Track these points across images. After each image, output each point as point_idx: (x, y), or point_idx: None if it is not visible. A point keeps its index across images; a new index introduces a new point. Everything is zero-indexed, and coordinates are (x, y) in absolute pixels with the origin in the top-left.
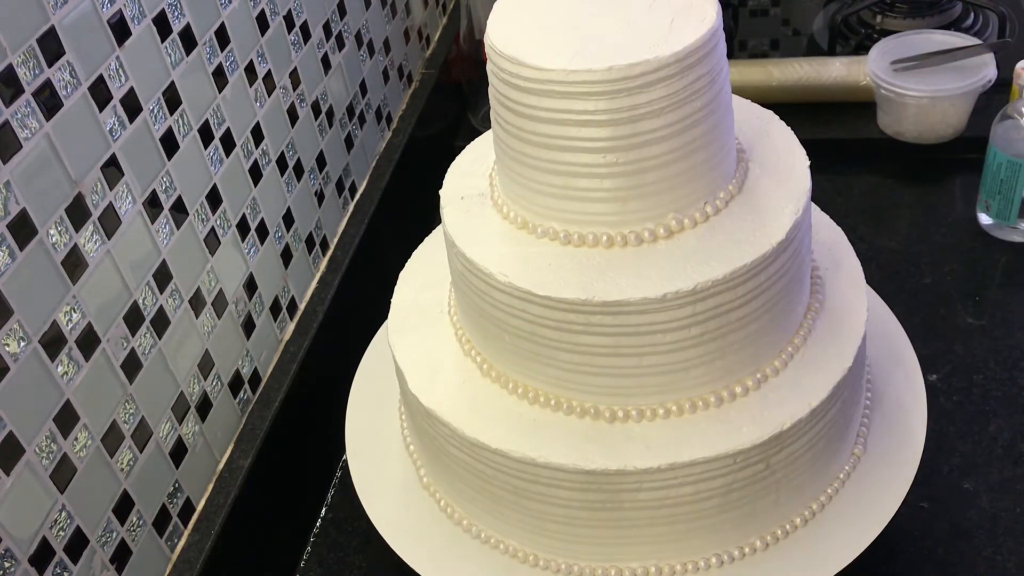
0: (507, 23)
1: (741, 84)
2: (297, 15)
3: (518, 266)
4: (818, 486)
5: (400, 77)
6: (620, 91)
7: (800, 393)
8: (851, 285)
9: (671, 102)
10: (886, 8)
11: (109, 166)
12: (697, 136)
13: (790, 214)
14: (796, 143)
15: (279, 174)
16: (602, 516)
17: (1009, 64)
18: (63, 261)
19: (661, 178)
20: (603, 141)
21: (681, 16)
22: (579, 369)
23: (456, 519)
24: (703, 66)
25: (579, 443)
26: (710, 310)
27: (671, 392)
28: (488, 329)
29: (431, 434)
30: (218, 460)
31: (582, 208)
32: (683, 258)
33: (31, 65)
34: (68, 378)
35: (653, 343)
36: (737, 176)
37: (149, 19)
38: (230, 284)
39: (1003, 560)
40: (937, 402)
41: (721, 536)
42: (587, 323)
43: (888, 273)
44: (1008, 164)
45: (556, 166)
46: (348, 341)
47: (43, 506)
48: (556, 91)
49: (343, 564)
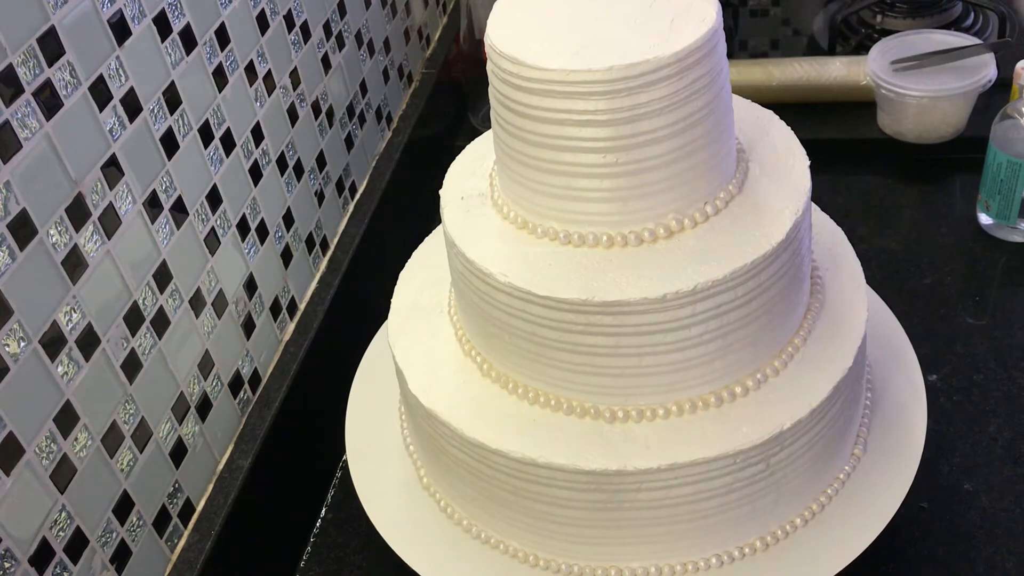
0: (507, 23)
1: (741, 84)
2: (297, 15)
3: (518, 266)
4: (818, 486)
5: (400, 77)
6: (620, 91)
7: (800, 393)
8: (851, 285)
9: (671, 102)
10: (886, 8)
11: (109, 166)
12: (697, 136)
13: (790, 214)
14: (796, 143)
15: (279, 174)
16: (602, 516)
17: (1009, 64)
18: (63, 261)
19: (661, 178)
20: (603, 141)
21: (681, 16)
22: (579, 369)
23: (456, 519)
24: (703, 66)
25: (579, 443)
26: (710, 310)
27: (671, 392)
28: (488, 329)
29: (431, 434)
30: (218, 460)
31: (582, 208)
32: (683, 258)
33: (31, 65)
34: (68, 378)
35: (653, 343)
36: (737, 176)
37: (149, 19)
38: (230, 284)
39: (1003, 560)
40: (937, 402)
41: (721, 536)
42: (587, 323)
43: (888, 273)
44: (1008, 164)
45: (556, 166)
46: (348, 341)
47: (43, 506)
48: (556, 91)
49: (343, 564)
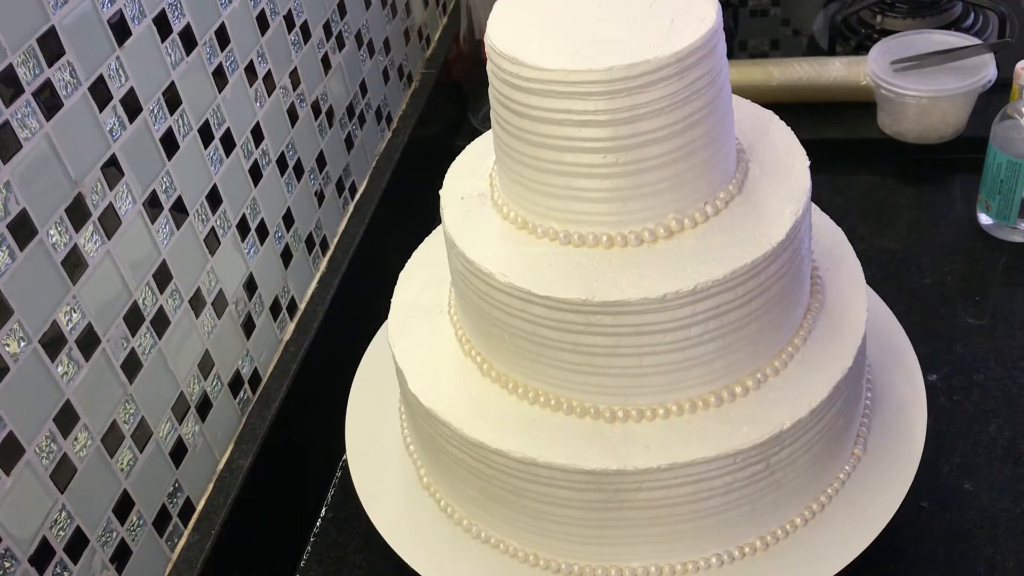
0: (507, 23)
1: (741, 84)
2: (297, 15)
3: (518, 266)
4: (818, 486)
5: (400, 77)
6: (620, 91)
7: (800, 393)
8: (851, 285)
9: (671, 102)
10: (886, 8)
11: (109, 166)
12: (697, 136)
13: (790, 214)
14: (796, 143)
15: (279, 174)
16: (602, 516)
17: (1009, 64)
18: (63, 261)
19: (661, 178)
20: (603, 141)
21: (681, 16)
22: (579, 369)
23: (456, 519)
24: (703, 66)
25: (579, 443)
26: (710, 310)
27: (671, 392)
28: (488, 329)
29: (431, 434)
30: (218, 460)
31: (582, 208)
32: (683, 258)
33: (31, 65)
34: (68, 378)
35: (653, 343)
36: (737, 176)
37: (149, 19)
38: (230, 284)
39: (1003, 560)
40: (937, 402)
41: (721, 536)
42: (587, 323)
43: (888, 273)
44: (1008, 164)
45: (556, 166)
46: (348, 341)
47: (43, 506)
48: (556, 91)
49: (343, 564)
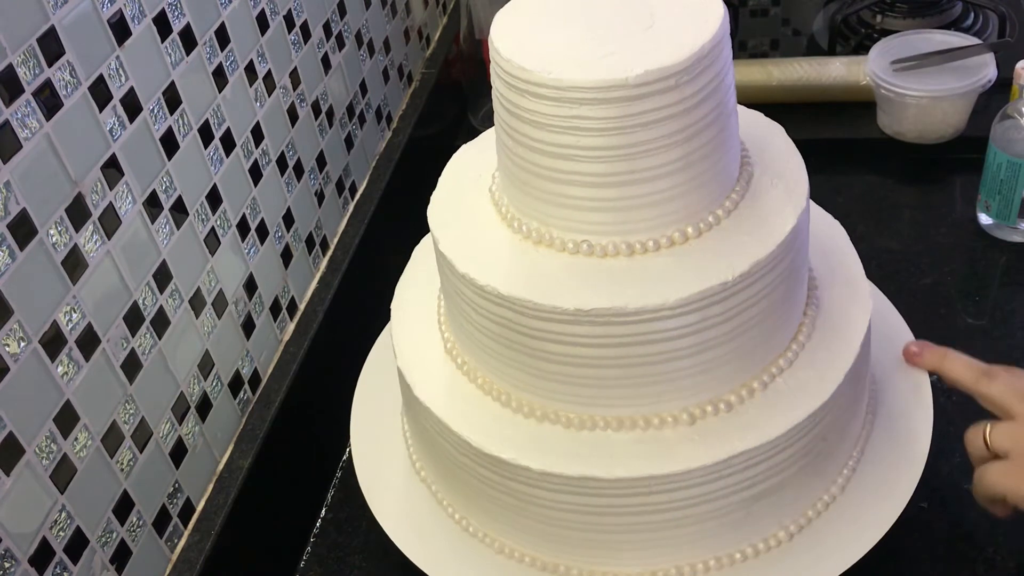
0: (511, 30)
1: (741, 84)
2: (297, 15)
3: (515, 276)
4: (819, 489)
5: (400, 77)
6: (624, 99)
7: (800, 396)
8: (851, 286)
9: (675, 111)
10: (886, 8)
11: (109, 166)
12: (701, 145)
13: (790, 220)
14: (793, 147)
15: (279, 174)
16: (601, 522)
17: (1009, 64)
18: (63, 261)
19: (664, 188)
20: (606, 150)
21: (686, 24)
22: (574, 380)
23: (459, 521)
24: (708, 74)
25: (575, 451)
26: (711, 318)
27: (668, 401)
28: (484, 342)
29: (432, 436)
30: (218, 460)
31: (583, 217)
32: (682, 269)
33: (31, 65)
34: (68, 378)
35: (648, 353)
36: (739, 184)
37: (149, 19)
38: (230, 284)
39: (1003, 560)
40: (937, 402)
41: (720, 540)
42: (586, 334)
43: (888, 273)
44: (1008, 164)
45: (557, 174)
46: (348, 341)
47: (43, 506)
48: (560, 98)
49: (343, 564)
